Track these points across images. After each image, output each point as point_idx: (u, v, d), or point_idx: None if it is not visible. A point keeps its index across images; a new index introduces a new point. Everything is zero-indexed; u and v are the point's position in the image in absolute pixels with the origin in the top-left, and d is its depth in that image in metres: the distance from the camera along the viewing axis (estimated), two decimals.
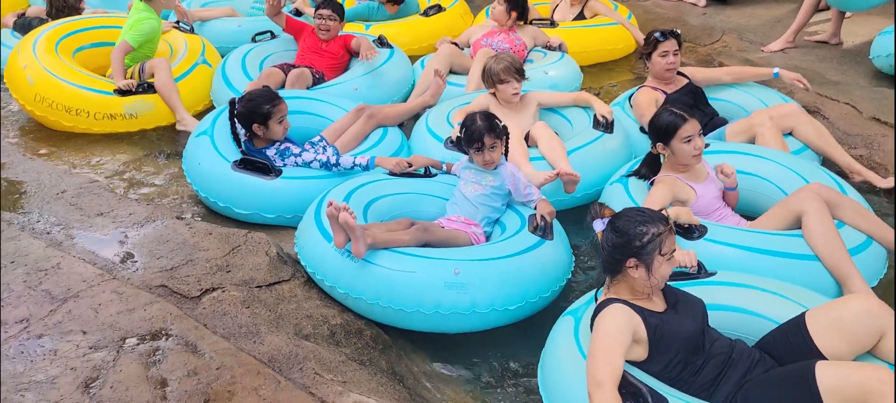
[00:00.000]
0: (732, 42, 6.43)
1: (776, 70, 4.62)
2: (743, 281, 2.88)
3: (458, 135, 3.59)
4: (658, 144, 3.49)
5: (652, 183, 3.52)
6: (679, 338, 2.39)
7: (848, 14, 6.35)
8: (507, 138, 3.61)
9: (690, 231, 3.17)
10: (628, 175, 3.69)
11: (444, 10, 6.91)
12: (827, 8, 6.25)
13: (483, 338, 3.17)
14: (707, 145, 3.69)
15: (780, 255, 3.10)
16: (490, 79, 4.32)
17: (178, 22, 5.91)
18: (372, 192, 3.63)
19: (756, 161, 3.82)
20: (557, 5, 6.68)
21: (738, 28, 6.66)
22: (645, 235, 2.38)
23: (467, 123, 3.51)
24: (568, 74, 5.35)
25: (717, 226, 3.24)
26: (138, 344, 2.59)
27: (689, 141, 3.38)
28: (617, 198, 3.56)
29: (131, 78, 5.12)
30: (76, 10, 5.92)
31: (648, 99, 4.37)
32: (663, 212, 2.58)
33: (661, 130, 3.45)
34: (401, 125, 4.68)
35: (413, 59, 5.77)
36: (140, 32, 5.12)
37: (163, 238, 3.29)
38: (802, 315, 2.52)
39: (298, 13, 6.57)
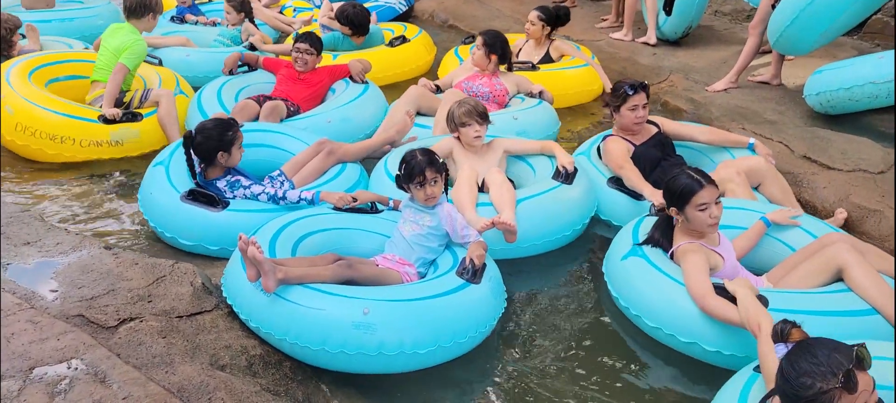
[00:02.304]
0: (679, 81, 6.59)
1: (751, 142, 4.58)
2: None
3: (398, 173, 3.58)
4: (672, 208, 3.38)
5: (665, 249, 3.43)
6: None
7: (788, 57, 6.54)
8: (447, 175, 3.61)
9: None
10: (641, 244, 3.52)
11: (409, 41, 7.09)
12: (769, 51, 6.43)
13: (420, 377, 3.17)
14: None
15: (845, 314, 3.05)
16: (451, 122, 4.33)
17: (153, 57, 5.99)
18: (306, 226, 3.65)
19: (747, 215, 3.80)
20: (521, 48, 6.72)
21: (685, 68, 6.83)
22: (814, 389, 2.10)
23: (407, 158, 3.52)
24: (541, 121, 5.30)
25: (775, 293, 3.16)
26: (46, 374, 2.58)
27: (704, 209, 3.27)
28: (642, 274, 3.39)
29: (130, 102, 5.23)
30: (9, 43, 5.86)
31: (621, 149, 4.35)
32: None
33: (675, 194, 3.33)
34: (364, 162, 4.69)
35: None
36: (135, 54, 5.22)
37: (87, 268, 3.29)
38: None
39: (253, 47, 6.65)
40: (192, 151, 3.97)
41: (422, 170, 3.43)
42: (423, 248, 3.51)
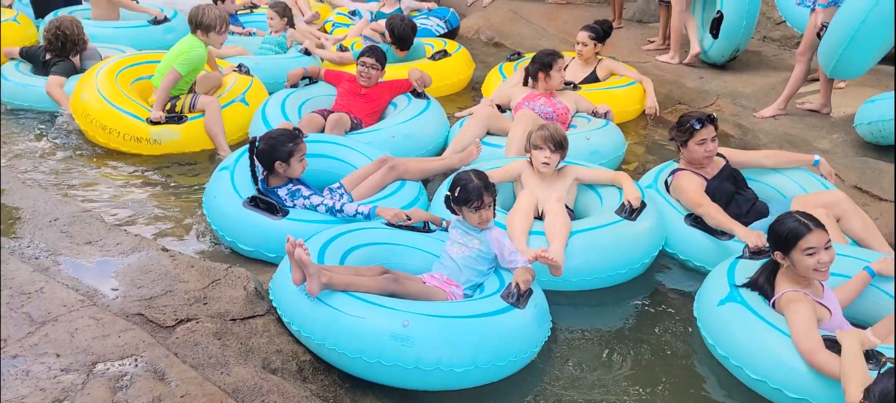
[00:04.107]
0: (726, 106, 6.56)
1: (817, 158, 4.51)
2: None
3: (449, 194, 3.58)
4: (777, 252, 3.24)
5: (767, 297, 3.29)
6: None
7: (839, 84, 6.48)
8: (496, 198, 3.60)
9: (868, 359, 2.82)
10: (744, 285, 3.37)
11: (450, 55, 7.21)
12: (817, 78, 6.37)
13: (463, 398, 3.18)
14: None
15: None
16: (529, 143, 4.29)
17: (239, 66, 6.22)
18: (357, 238, 3.70)
19: (846, 262, 3.60)
20: (567, 66, 6.72)
21: (733, 93, 6.79)
22: None
23: (463, 181, 3.51)
24: (611, 142, 5.26)
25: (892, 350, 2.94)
26: (108, 369, 2.68)
27: (812, 254, 3.12)
28: (743, 322, 3.22)
29: (182, 108, 5.51)
30: (82, 42, 6.27)
31: (695, 185, 4.20)
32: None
33: (780, 237, 3.19)
34: (427, 182, 4.73)
35: None
36: (188, 60, 5.45)
37: (145, 268, 3.40)
38: None
39: (307, 52, 6.86)
40: (255, 158, 4.08)
41: (480, 195, 3.43)
42: (471, 270, 3.52)
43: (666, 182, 4.47)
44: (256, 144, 4.08)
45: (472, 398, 3.21)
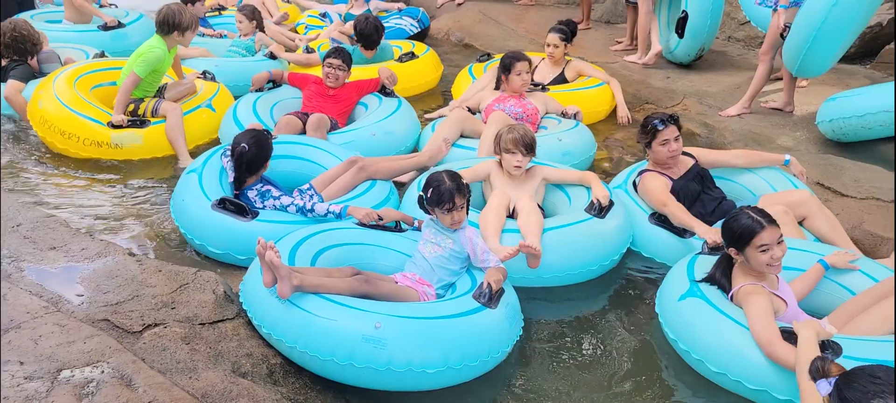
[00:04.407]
0: (692, 105, 6.64)
1: (787, 158, 4.58)
2: None
3: (422, 194, 3.59)
4: (731, 248, 3.30)
5: (725, 290, 3.34)
6: None
7: (801, 82, 6.60)
8: (469, 198, 3.62)
9: (823, 349, 2.89)
10: (701, 281, 3.43)
11: (418, 57, 7.20)
12: (781, 77, 6.49)
13: (436, 398, 3.18)
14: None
15: None
16: (498, 145, 4.31)
17: (204, 72, 6.17)
18: (328, 239, 3.69)
19: (800, 256, 3.71)
20: (536, 67, 6.75)
21: (699, 93, 6.89)
22: None
23: (435, 182, 3.51)
24: (582, 143, 5.32)
25: (850, 340, 3.02)
26: (73, 376, 2.63)
27: (765, 251, 3.19)
28: (703, 317, 3.29)
29: (144, 112, 5.41)
30: (39, 42, 6.12)
31: (660, 185, 4.27)
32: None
33: (734, 235, 3.25)
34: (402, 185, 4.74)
35: None
36: (146, 62, 5.37)
37: (111, 273, 3.35)
38: None
39: (272, 56, 6.80)
40: (236, 161, 4.07)
41: (451, 197, 3.44)
42: (444, 270, 3.53)
43: (634, 183, 4.54)
44: (244, 147, 4.05)
45: (445, 398, 3.21)
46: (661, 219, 4.24)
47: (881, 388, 2.11)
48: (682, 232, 4.12)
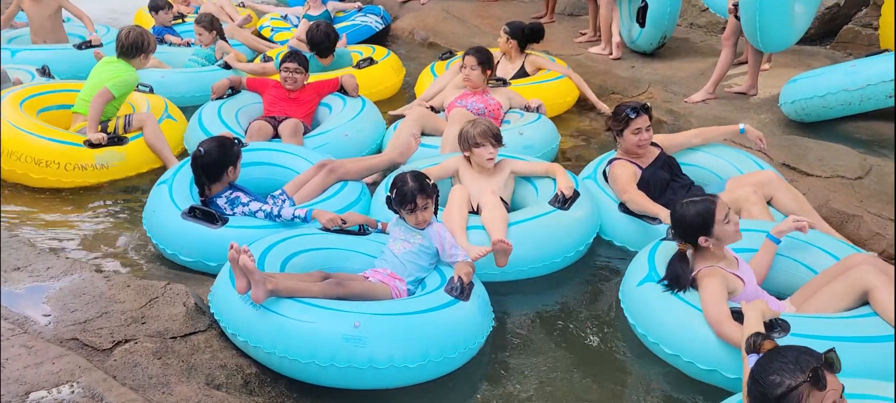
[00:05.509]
0: (657, 93, 6.70)
1: (742, 126, 4.63)
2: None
3: (389, 195, 3.60)
4: (700, 238, 3.28)
5: (688, 283, 3.32)
6: None
7: (764, 65, 6.68)
8: (437, 196, 3.64)
9: (772, 328, 2.94)
10: (665, 285, 3.37)
11: (376, 62, 7.08)
12: (745, 62, 6.56)
13: (411, 394, 3.18)
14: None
15: (870, 340, 2.94)
16: (466, 142, 4.28)
17: (150, 89, 6.02)
18: (297, 245, 3.66)
19: (757, 237, 3.68)
20: (497, 63, 6.73)
21: (663, 80, 6.95)
22: (783, 387, 2.15)
23: (398, 183, 3.52)
24: (544, 136, 5.33)
25: (799, 318, 3.07)
26: (42, 398, 2.57)
27: (728, 221, 3.25)
28: (659, 301, 3.34)
29: (115, 129, 5.25)
30: None
31: (627, 173, 4.28)
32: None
33: (696, 225, 3.26)
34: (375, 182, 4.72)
35: None
36: (123, 83, 5.27)
37: (79, 291, 3.28)
38: None
39: (227, 66, 6.71)
40: (192, 164, 4.03)
41: (413, 198, 3.45)
42: (414, 265, 3.54)
43: (604, 172, 4.56)
44: (203, 155, 4.00)
45: (422, 394, 3.21)
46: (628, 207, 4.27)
47: (781, 365, 2.18)
48: (649, 219, 4.14)
